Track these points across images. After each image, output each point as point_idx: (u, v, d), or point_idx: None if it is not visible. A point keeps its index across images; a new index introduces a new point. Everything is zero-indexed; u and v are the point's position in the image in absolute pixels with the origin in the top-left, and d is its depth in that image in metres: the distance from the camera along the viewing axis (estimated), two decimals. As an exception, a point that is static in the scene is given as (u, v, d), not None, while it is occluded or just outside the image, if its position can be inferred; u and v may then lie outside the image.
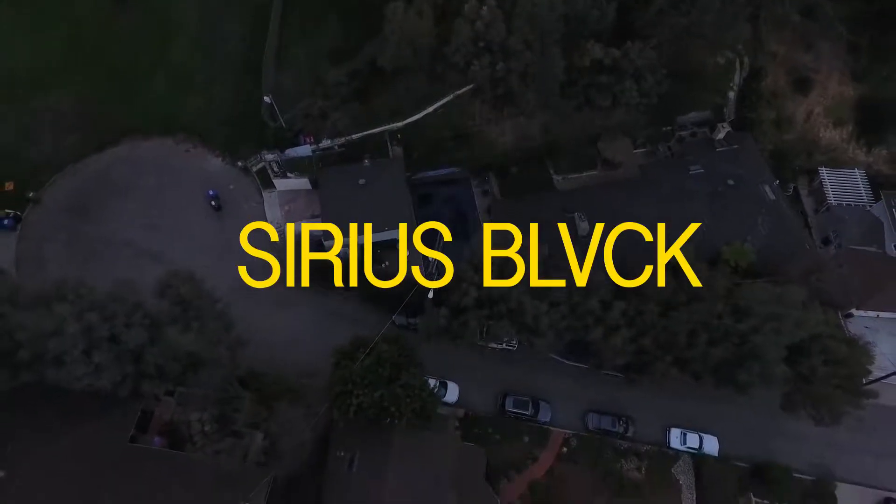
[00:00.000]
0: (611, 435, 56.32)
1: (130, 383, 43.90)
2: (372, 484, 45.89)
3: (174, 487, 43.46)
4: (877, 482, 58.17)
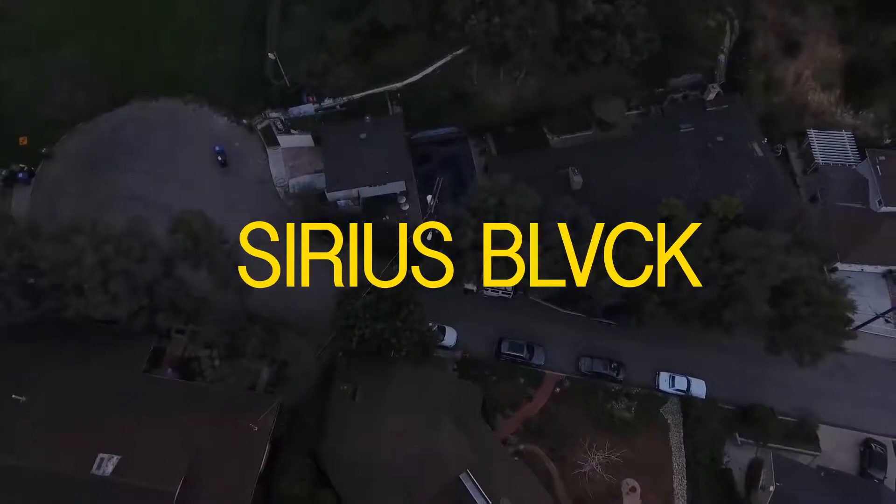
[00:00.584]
0: (602, 378, 58.77)
1: (145, 316, 46.33)
2: (373, 414, 48.37)
3: (185, 413, 45.94)
4: (858, 425, 60.74)
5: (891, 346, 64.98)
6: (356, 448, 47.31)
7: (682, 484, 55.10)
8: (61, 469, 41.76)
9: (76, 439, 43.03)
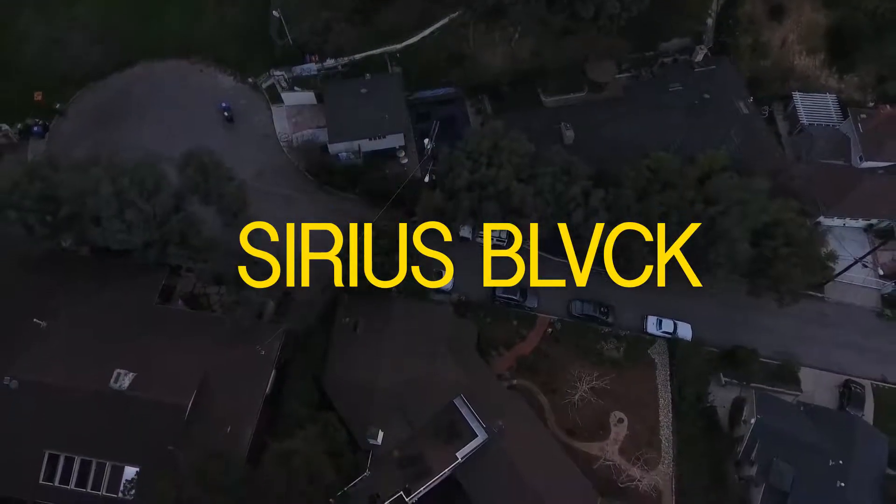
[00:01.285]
0: (593, 320, 61.46)
1: (157, 248, 49.15)
2: (373, 343, 51.18)
3: (196, 339, 48.77)
4: (838, 368, 63.44)
5: (870, 296, 67.68)
6: (357, 374, 50.09)
7: (668, 417, 57.81)
8: (81, 384, 44.58)
9: (94, 359, 45.79)
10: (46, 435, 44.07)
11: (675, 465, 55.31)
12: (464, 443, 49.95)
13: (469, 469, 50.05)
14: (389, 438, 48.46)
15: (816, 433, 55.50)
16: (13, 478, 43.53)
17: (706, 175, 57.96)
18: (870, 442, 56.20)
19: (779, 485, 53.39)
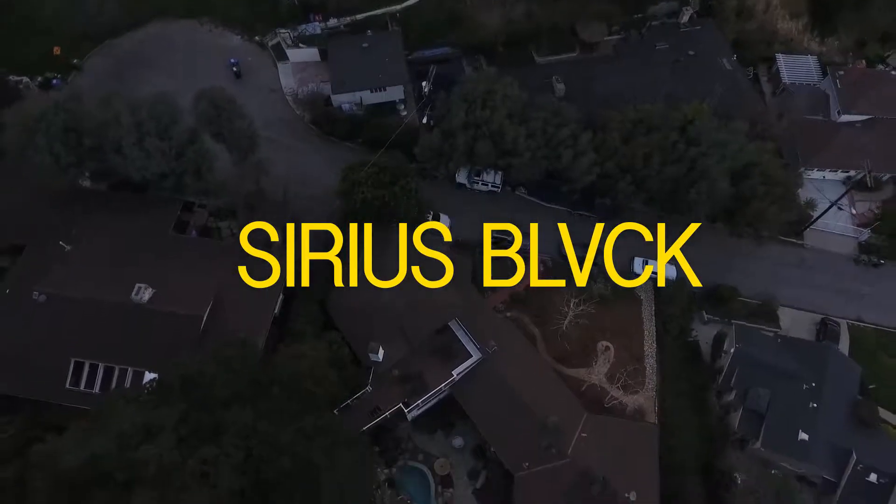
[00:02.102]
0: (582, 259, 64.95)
1: (173, 180, 52.82)
2: (375, 269, 54.75)
3: (209, 262, 52.46)
4: (815, 308, 66.96)
5: (847, 243, 71.35)
6: (359, 297, 53.71)
7: (653, 348, 61.33)
8: (104, 298, 48.24)
9: (115, 276, 49.50)
10: (72, 344, 47.64)
11: (659, 391, 58.77)
12: (459, 362, 53.49)
13: (464, 386, 53.61)
14: (389, 355, 52.03)
15: (792, 361, 58.98)
16: (42, 383, 47.10)
17: (689, 121, 61.53)
18: (842, 368, 59.73)
19: (755, 407, 56.92)
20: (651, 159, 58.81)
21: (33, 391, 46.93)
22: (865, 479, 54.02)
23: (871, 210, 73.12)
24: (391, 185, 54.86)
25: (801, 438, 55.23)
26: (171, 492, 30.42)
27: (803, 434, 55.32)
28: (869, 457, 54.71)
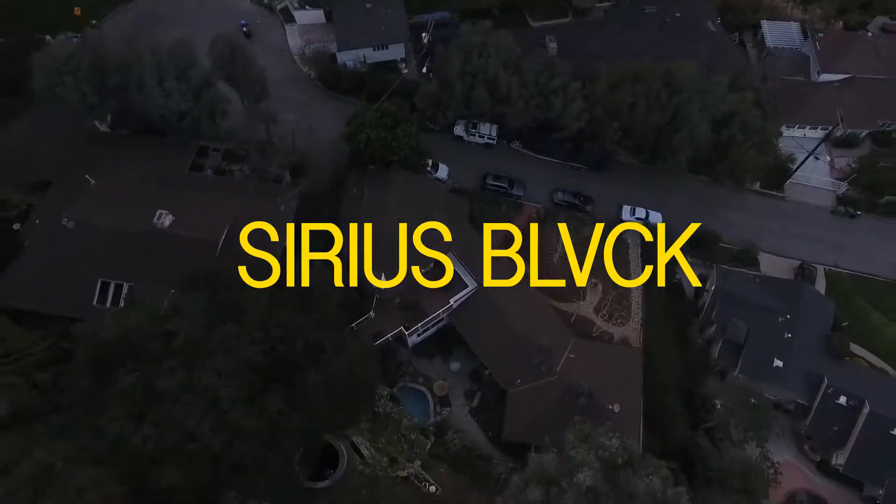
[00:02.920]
0: (573, 208, 68.99)
1: (191, 121, 56.90)
2: (377, 205, 58.86)
3: (224, 196, 56.53)
4: (793, 255, 70.91)
5: (825, 196, 75.42)
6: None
7: (639, 287, 65.22)
8: (127, 223, 52.29)
9: (137, 205, 53.41)
10: (98, 266, 51.61)
11: (643, 324, 62.75)
12: (456, 291, 57.44)
13: (461, 314, 57.60)
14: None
15: (769, 297, 62.98)
16: (71, 301, 51.06)
17: (672, 72, 65.54)
18: (816, 304, 63.77)
19: (734, 339, 60.91)
20: (637, 107, 62.78)
21: (64, 309, 50.84)
22: (836, 402, 57.97)
23: (848, 165, 77.10)
24: (393, 128, 58.83)
25: (776, 365, 59.18)
26: (197, 360, 34.32)
27: (778, 361, 59.28)
28: (839, 382, 58.68)
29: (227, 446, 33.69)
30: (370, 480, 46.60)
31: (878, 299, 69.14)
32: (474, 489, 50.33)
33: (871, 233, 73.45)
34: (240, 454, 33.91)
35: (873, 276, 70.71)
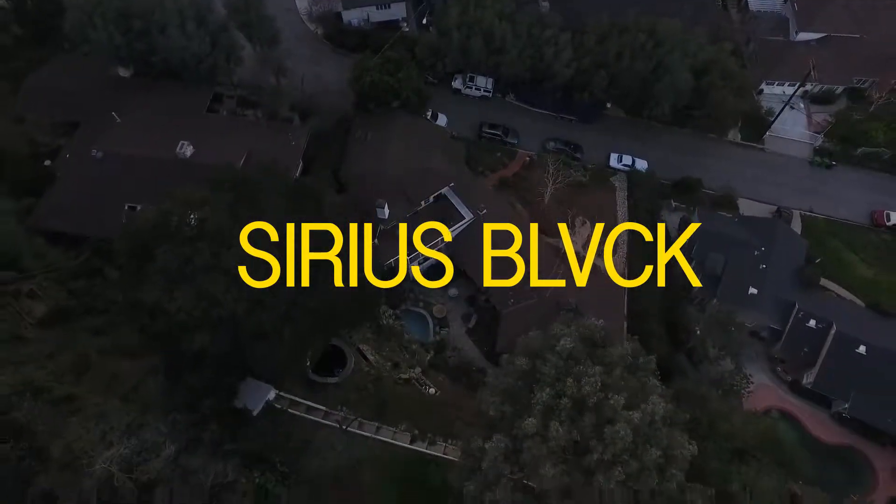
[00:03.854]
0: (564, 155, 73.77)
1: (208, 66, 61.81)
2: (381, 145, 63.69)
3: (239, 132, 61.45)
4: (771, 200, 75.68)
5: (803, 148, 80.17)
6: (367, 166, 62.59)
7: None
8: (151, 153, 57.19)
9: (160, 138, 58.42)
10: (125, 192, 56.42)
11: (628, 257, 67.55)
12: (454, 222, 62.27)
13: (459, 244, 62.44)
14: (393, 213, 60.75)
15: (746, 234, 67.90)
16: (101, 223, 55.74)
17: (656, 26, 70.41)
18: (789, 239, 68.74)
19: (713, 271, 65.74)
20: (622, 56, 67.60)
21: (94, 230, 55.69)
22: (805, 325, 62.82)
23: (825, 120, 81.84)
24: (395, 73, 63.67)
25: (750, 292, 64.08)
26: (223, 246, 39.11)
27: (753, 289, 64.17)
28: (810, 309, 63.48)
29: (248, 313, 38.50)
30: (375, 380, 51.38)
31: (850, 241, 73.96)
32: (470, 395, 54.96)
33: (845, 182, 78.25)
34: (259, 322, 38.74)
35: (847, 221, 75.52)
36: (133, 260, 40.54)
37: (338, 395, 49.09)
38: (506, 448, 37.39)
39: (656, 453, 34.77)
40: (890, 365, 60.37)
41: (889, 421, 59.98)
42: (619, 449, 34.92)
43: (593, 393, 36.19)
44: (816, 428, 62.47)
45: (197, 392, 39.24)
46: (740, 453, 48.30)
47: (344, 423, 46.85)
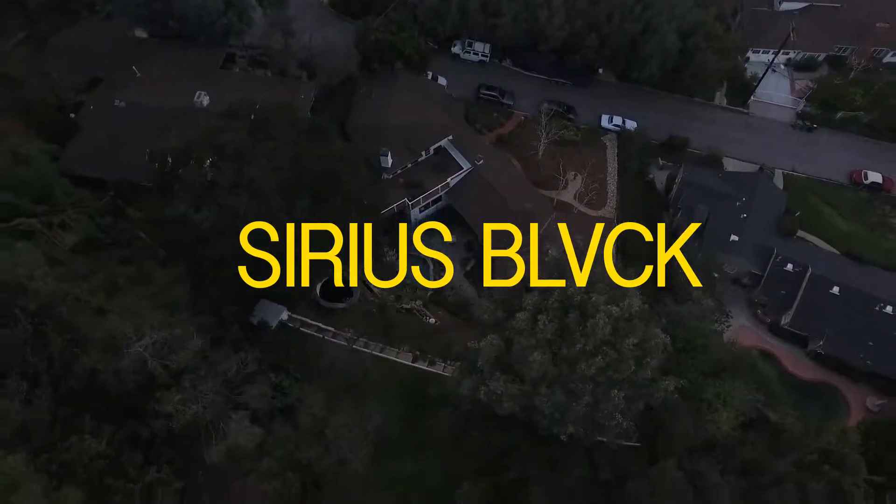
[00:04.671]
0: (558, 115, 78.07)
1: (223, 26, 66.23)
2: (384, 101, 68.11)
3: (252, 86, 65.86)
4: (754, 159, 79.93)
5: (786, 113, 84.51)
6: (371, 119, 66.94)
7: (614, 180, 74.64)
8: (170, 103, 61.57)
9: (179, 90, 62.90)
10: (147, 139, 60.54)
11: (618, 208, 71.91)
12: (452, 172, 66.60)
13: (458, 193, 66.77)
14: (396, 162, 65.12)
15: (729, 187, 72.21)
16: (124, 167, 60.10)
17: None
18: (770, 192, 73.15)
19: (697, 220, 69.91)
20: (613, 17, 71.91)
21: (118, 173, 60.01)
22: (783, 269, 67.07)
23: (807, 86, 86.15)
24: (399, 32, 68.07)
25: (732, 239, 68.43)
26: (243, 165, 43.43)
27: (734, 236, 68.53)
28: (787, 254, 67.71)
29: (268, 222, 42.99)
30: (380, 307, 55.68)
31: (828, 198, 78.24)
32: (467, 326, 59.21)
33: (825, 144, 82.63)
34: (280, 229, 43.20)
35: (826, 180, 79.79)
36: (162, 179, 44.86)
37: (345, 319, 53.40)
38: (499, 347, 41.65)
39: (632, 341, 39.05)
40: (861, 305, 64.65)
41: (860, 356, 64.26)
42: (599, 340, 39.23)
43: (577, 293, 40.47)
44: (794, 366, 66.74)
45: (218, 301, 43.52)
46: (717, 372, 52.42)
47: (351, 342, 51.18)
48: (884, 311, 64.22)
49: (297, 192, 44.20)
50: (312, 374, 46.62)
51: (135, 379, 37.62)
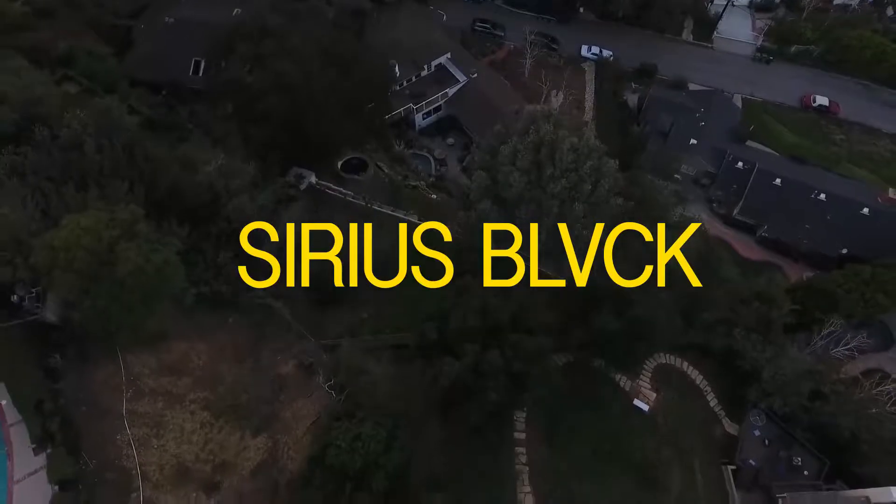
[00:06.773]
0: (543, 46, 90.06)
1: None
2: (392, 26, 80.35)
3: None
4: (718, 86, 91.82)
5: (747, 48, 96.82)
6: (380, 39, 78.85)
7: (591, 99, 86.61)
8: (212, 18, 73.47)
9: (220, 6, 74.73)
10: (192, 49, 72.67)
11: (595, 118, 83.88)
12: (450, 84, 78.58)
13: (456, 102, 78.76)
14: (403, 73, 77.03)
15: (691, 102, 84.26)
16: (173, 73, 72.05)
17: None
18: (725, 106, 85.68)
19: (662, 129, 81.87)
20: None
21: (169, 78, 71.90)
22: (735, 167, 78.95)
23: (766, 24, 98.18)
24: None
25: (691, 143, 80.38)
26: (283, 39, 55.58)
27: (693, 140, 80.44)
28: (739, 155, 79.58)
29: (304, 83, 54.64)
30: (391, 182, 67.56)
31: (780, 117, 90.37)
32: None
33: (781, 74, 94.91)
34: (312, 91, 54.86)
35: (780, 103, 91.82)
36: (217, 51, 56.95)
37: (362, 188, 65.29)
38: (487, 179, 53.47)
39: (590, 164, 50.86)
40: (800, 193, 76.46)
41: (798, 238, 76.06)
42: (564, 167, 51.04)
43: (548, 133, 52.28)
44: (744, 250, 78.58)
45: (263, 146, 55.34)
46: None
47: (367, 201, 63.04)
48: (818, 197, 75.92)
49: (326, 64, 56.08)
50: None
51: (206, 194, 49.22)
